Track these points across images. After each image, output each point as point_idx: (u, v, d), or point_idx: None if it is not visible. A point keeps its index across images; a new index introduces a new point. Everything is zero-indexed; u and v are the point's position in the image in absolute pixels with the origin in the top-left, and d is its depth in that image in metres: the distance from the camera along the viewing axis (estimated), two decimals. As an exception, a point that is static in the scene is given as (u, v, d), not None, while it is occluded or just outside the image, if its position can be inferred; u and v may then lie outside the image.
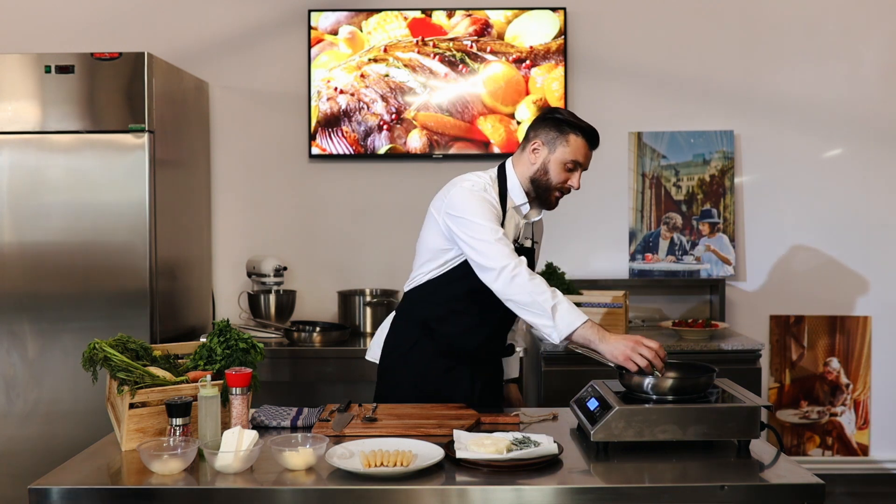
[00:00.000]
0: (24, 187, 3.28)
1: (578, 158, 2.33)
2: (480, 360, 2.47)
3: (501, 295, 2.22)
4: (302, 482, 1.72)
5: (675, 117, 4.00)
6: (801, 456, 4.04)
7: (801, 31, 3.97)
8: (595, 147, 2.37)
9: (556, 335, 2.14)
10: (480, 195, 2.31)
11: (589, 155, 2.36)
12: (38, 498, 1.70)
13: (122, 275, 3.27)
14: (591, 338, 2.11)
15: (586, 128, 2.34)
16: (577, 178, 2.36)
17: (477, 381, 2.44)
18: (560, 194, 2.39)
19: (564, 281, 3.72)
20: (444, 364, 2.41)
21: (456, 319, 2.39)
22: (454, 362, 2.42)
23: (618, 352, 2.06)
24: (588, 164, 2.37)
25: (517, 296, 2.18)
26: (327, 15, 3.94)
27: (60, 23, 3.98)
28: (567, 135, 2.32)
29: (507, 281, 2.18)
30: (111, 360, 1.96)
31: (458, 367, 2.42)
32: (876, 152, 3.99)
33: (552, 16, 3.91)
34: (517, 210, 2.40)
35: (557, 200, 2.40)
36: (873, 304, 4.03)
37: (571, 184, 2.36)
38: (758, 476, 1.78)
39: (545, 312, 2.14)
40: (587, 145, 2.34)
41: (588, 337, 2.11)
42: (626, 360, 2.05)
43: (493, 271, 2.21)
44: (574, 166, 2.34)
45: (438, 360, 2.41)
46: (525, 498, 1.68)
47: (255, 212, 4.05)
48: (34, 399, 3.30)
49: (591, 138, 2.34)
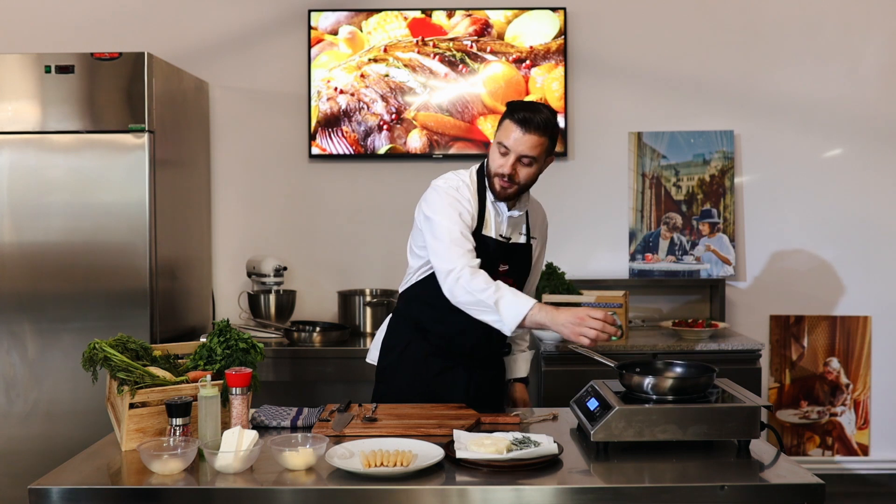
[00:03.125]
0: (25, 187, 3.28)
1: (505, 141, 2.25)
2: (476, 360, 2.46)
3: (450, 299, 2.22)
4: (302, 482, 1.72)
5: (675, 117, 4.00)
6: (801, 456, 4.04)
7: (801, 31, 3.97)
8: (528, 130, 2.23)
9: (507, 327, 2.15)
10: (449, 194, 2.32)
11: (521, 138, 2.23)
12: (38, 498, 1.70)
13: (122, 275, 3.27)
14: (542, 320, 2.11)
15: (519, 113, 2.24)
16: (506, 162, 2.26)
17: (473, 381, 2.43)
18: (501, 182, 2.29)
19: (564, 281, 3.72)
20: (439, 364, 2.41)
21: (448, 319, 2.36)
22: (449, 362, 2.42)
23: (567, 330, 2.07)
24: (521, 149, 2.24)
25: (461, 297, 2.19)
26: (327, 15, 3.94)
27: (60, 23, 3.98)
28: (504, 120, 2.30)
29: (452, 284, 2.20)
30: (111, 360, 1.96)
31: (453, 368, 2.41)
32: (876, 152, 3.99)
33: (552, 16, 3.91)
34: (495, 205, 2.38)
35: (504, 189, 2.30)
36: (873, 304, 4.03)
37: (502, 168, 2.26)
38: (758, 476, 1.78)
39: (490, 308, 2.14)
40: (517, 128, 2.24)
41: (538, 320, 2.11)
42: (577, 336, 2.06)
43: (441, 274, 2.23)
44: (505, 150, 2.27)
45: (433, 361, 2.41)
46: (525, 498, 1.68)
47: (255, 212, 4.05)
48: (34, 399, 3.30)
49: (522, 122, 2.23)
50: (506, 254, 2.39)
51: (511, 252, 2.40)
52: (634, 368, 2.07)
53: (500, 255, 2.37)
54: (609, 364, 2.11)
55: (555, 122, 2.30)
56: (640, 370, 2.06)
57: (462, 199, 2.31)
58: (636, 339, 3.55)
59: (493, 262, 2.35)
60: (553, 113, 2.32)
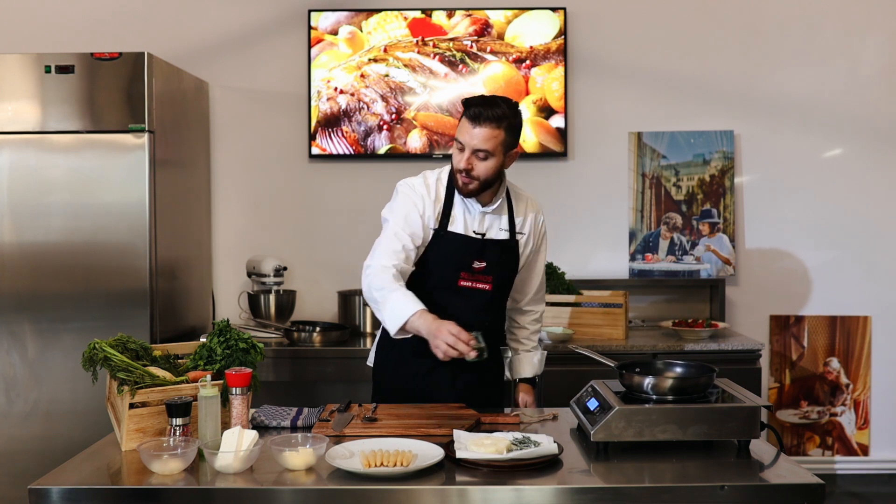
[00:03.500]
0: (24, 187, 3.28)
1: (460, 137, 2.27)
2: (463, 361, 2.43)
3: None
4: (302, 482, 1.72)
5: (675, 117, 4.00)
6: (801, 456, 4.04)
7: (801, 31, 3.97)
8: (479, 124, 2.22)
9: (390, 329, 2.19)
10: (405, 194, 2.36)
11: (472, 132, 2.23)
12: (38, 498, 1.70)
13: (122, 275, 3.27)
14: (419, 328, 2.13)
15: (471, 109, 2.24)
16: (462, 157, 2.26)
17: (458, 381, 2.41)
18: (462, 178, 2.29)
19: (564, 281, 3.72)
20: (425, 365, 2.40)
21: None
22: (435, 363, 2.41)
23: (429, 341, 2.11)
24: (474, 143, 2.23)
25: (365, 293, 2.28)
26: (327, 15, 3.94)
27: (60, 23, 3.98)
28: (461, 118, 2.30)
29: (363, 280, 2.28)
30: (111, 360, 1.96)
31: (438, 368, 2.40)
32: (876, 152, 3.99)
33: (552, 16, 3.91)
34: (467, 202, 2.37)
35: (465, 185, 2.30)
36: (873, 304, 4.03)
37: (458, 164, 2.27)
38: (758, 476, 1.78)
39: (378, 308, 2.21)
40: (469, 123, 2.24)
41: (416, 327, 2.13)
42: (433, 348, 2.10)
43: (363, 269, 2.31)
44: (461, 146, 2.27)
45: (419, 362, 2.41)
46: (525, 498, 1.68)
47: (255, 212, 4.05)
48: (34, 399, 3.30)
49: (473, 117, 2.23)
50: (481, 250, 2.37)
51: (487, 248, 2.38)
52: (634, 368, 2.07)
53: (472, 251, 2.36)
54: (609, 364, 2.11)
55: (512, 116, 2.27)
56: (640, 370, 2.06)
57: (416, 198, 2.33)
58: (636, 339, 3.55)
59: (463, 259, 2.36)
60: (512, 107, 2.29)
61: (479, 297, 2.39)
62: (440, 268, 2.36)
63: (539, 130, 3.93)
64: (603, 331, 3.54)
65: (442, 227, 2.35)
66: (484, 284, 2.38)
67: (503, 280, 2.44)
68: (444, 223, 2.35)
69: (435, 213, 2.35)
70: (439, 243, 2.36)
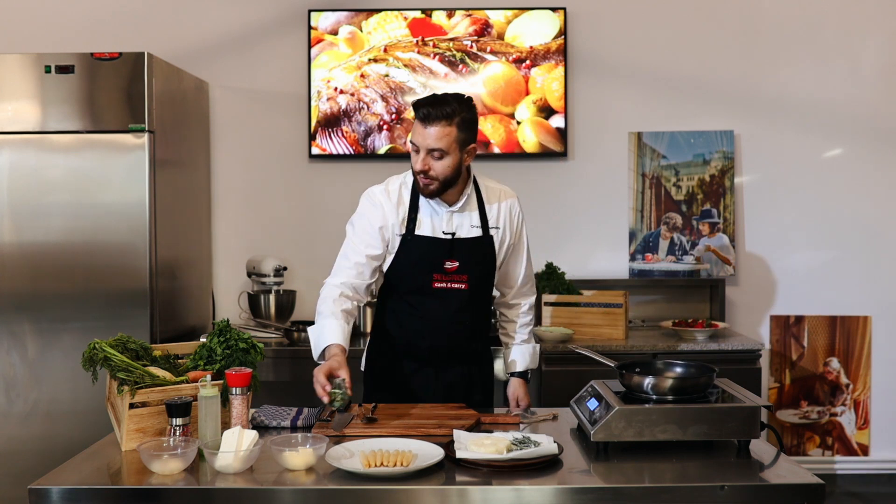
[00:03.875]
0: (24, 187, 3.28)
1: (413, 139, 2.27)
2: (442, 360, 2.43)
3: None
4: (302, 482, 1.72)
5: (675, 117, 4.00)
6: (801, 456, 4.04)
7: (801, 31, 3.97)
8: (429, 124, 2.22)
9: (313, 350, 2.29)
10: (364, 205, 2.42)
11: (424, 132, 2.23)
12: (38, 498, 1.70)
13: (122, 275, 3.26)
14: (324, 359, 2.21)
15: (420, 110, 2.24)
16: (418, 158, 2.26)
17: (441, 380, 2.41)
18: (422, 180, 2.29)
19: (564, 281, 3.72)
20: (408, 366, 2.42)
21: (403, 322, 2.42)
22: (418, 364, 2.42)
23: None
24: (427, 143, 2.23)
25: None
26: (327, 15, 3.94)
27: (60, 23, 3.98)
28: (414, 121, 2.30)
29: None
30: (111, 360, 1.96)
31: (422, 369, 2.41)
32: (876, 152, 3.99)
33: (552, 16, 3.91)
34: (433, 203, 2.37)
35: (426, 186, 2.30)
36: (873, 304, 4.03)
37: (416, 166, 2.28)
38: (758, 476, 1.78)
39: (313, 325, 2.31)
40: (419, 124, 2.24)
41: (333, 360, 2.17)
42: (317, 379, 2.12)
43: None
44: (415, 147, 2.27)
45: (403, 363, 2.42)
46: (525, 498, 1.68)
47: (255, 212, 4.05)
48: (34, 399, 3.30)
49: (423, 118, 2.23)
50: (452, 250, 2.36)
51: (458, 247, 2.37)
52: (634, 368, 2.07)
53: (442, 252, 2.36)
54: (609, 364, 2.11)
55: (463, 111, 2.25)
56: (640, 370, 2.06)
57: (373, 209, 2.37)
58: (636, 339, 3.55)
59: (433, 261, 2.35)
60: (463, 103, 2.27)
61: (455, 297, 2.38)
62: (412, 271, 2.37)
63: (539, 130, 3.92)
64: (603, 331, 3.54)
65: (409, 232, 2.35)
66: (459, 284, 2.37)
67: (480, 278, 2.42)
68: (410, 227, 2.36)
69: (399, 218, 2.36)
70: (408, 248, 2.36)
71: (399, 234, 2.36)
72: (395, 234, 2.36)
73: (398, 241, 2.36)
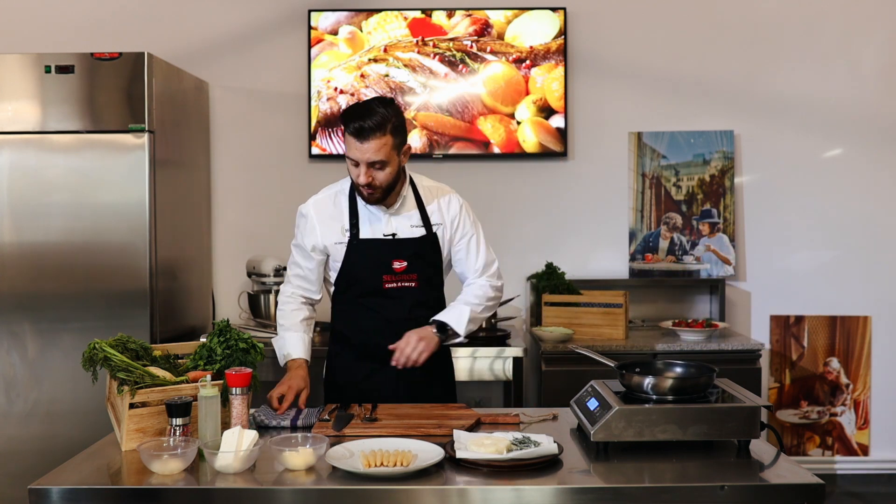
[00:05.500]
0: (24, 187, 3.28)
1: (351, 155, 2.26)
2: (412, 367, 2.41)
3: None
4: (302, 482, 1.72)
5: (675, 117, 4.00)
6: (801, 456, 4.04)
7: (801, 31, 3.97)
8: (363, 139, 2.21)
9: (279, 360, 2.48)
10: (298, 219, 2.48)
11: (362, 147, 2.22)
12: (38, 498, 1.70)
13: (122, 275, 3.27)
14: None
15: (352, 125, 2.23)
16: (360, 172, 2.26)
17: (402, 379, 2.39)
18: (366, 191, 2.30)
19: (564, 281, 3.72)
20: (369, 367, 2.42)
21: (360, 324, 2.44)
22: (378, 364, 2.41)
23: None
24: (367, 158, 2.23)
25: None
26: (327, 15, 3.94)
27: (60, 23, 3.98)
28: (345, 133, 2.28)
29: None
30: (111, 360, 1.96)
31: (382, 368, 2.40)
32: (876, 152, 3.99)
33: (552, 16, 3.91)
34: (370, 207, 2.38)
35: (371, 196, 2.31)
36: (873, 304, 4.03)
37: (358, 180, 2.28)
38: (758, 476, 1.78)
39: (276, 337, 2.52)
40: (354, 140, 2.23)
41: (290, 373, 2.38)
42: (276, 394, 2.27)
43: None
44: (354, 162, 2.27)
45: (363, 364, 2.42)
46: (525, 498, 1.68)
47: (255, 212, 4.05)
48: (34, 399, 3.30)
49: (357, 133, 2.22)
50: (396, 250, 2.38)
51: (402, 247, 2.38)
52: (634, 368, 2.07)
53: (388, 253, 2.38)
54: (609, 364, 2.11)
55: (392, 116, 2.25)
56: (640, 370, 2.06)
57: (304, 222, 2.44)
58: (636, 339, 3.55)
59: (381, 262, 2.38)
60: (389, 106, 2.27)
61: (407, 295, 2.40)
62: (362, 275, 2.40)
63: (539, 130, 3.92)
64: (603, 331, 3.54)
65: (354, 237, 2.38)
66: (409, 283, 2.40)
67: (429, 275, 2.44)
68: (354, 233, 2.38)
69: (339, 226, 2.40)
70: (355, 252, 2.39)
71: (341, 241, 2.39)
72: (334, 242, 2.40)
73: (340, 249, 2.40)
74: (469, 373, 3.39)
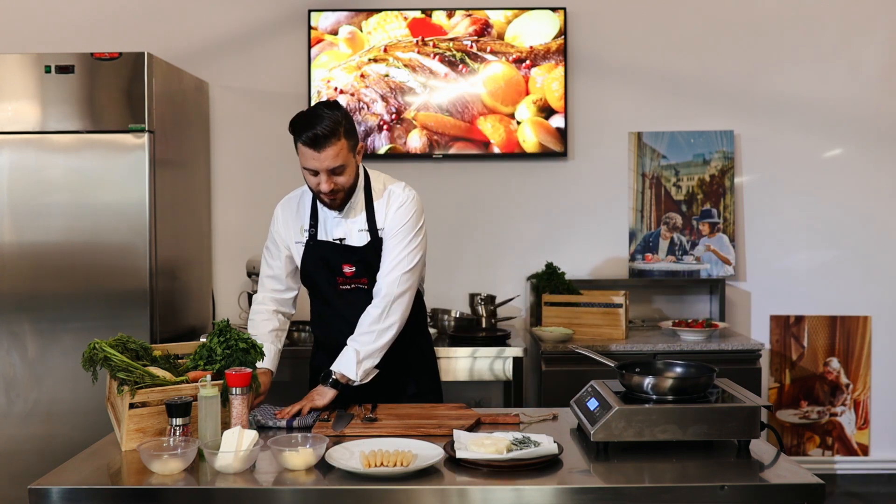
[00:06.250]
0: (24, 187, 3.28)
1: (308, 165, 2.23)
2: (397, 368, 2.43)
3: None
4: (302, 482, 1.72)
5: (675, 117, 4.00)
6: (801, 456, 4.04)
7: (801, 31, 3.97)
8: (319, 148, 2.18)
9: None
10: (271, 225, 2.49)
11: (319, 156, 2.19)
12: (38, 498, 1.70)
13: (122, 275, 3.27)
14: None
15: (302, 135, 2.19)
16: (321, 181, 2.24)
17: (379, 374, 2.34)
18: (329, 198, 2.29)
19: (564, 281, 3.72)
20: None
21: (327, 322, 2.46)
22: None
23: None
24: (325, 166, 2.21)
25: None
26: (327, 15, 3.94)
27: (60, 23, 3.98)
28: (296, 144, 2.24)
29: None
30: (111, 360, 1.96)
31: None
32: (876, 152, 3.99)
33: (552, 16, 3.91)
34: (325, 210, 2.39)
35: (334, 201, 2.30)
36: (873, 304, 4.03)
37: (320, 188, 2.25)
38: (758, 476, 1.78)
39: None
40: (309, 150, 2.20)
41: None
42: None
43: None
44: (313, 172, 2.25)
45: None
46: (525, 498, 1.68)
47: (255, 212, 4.04)
48: (34, 399, 3.30)
49: (311, 142, 2.18)
50: (345, 255, 2.39)
51: (349, 254, 2.38)
52: (634, 368, 2.07)
53: (337, 256, 2.39)
54: (609, 364, 2.11)
55: (342, 118, 2.22)
56: (640, 370, 2.06)
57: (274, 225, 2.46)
58: (636, 339, 3.55)
59: (332, 265, 2.40)
60: (336, 108, 2.24)
61: (362, 295, 2.39)
62: (317, 275, 2.42)
63: (539, 130, 3.93)
64: (603, 331, 3.54)
65: (312, 238, 2.40)
66: (361, 285, 2.40)
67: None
68: (313, 233, 2.41)
69: (299, 226, 2.42)
70: (312, 253, 2.41)
71: (299, 241, 2.41)
72: (294, 241, 2.42)
73: (300, 249, 2.42)
74: (469, 373, 3.39)
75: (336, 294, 2.42)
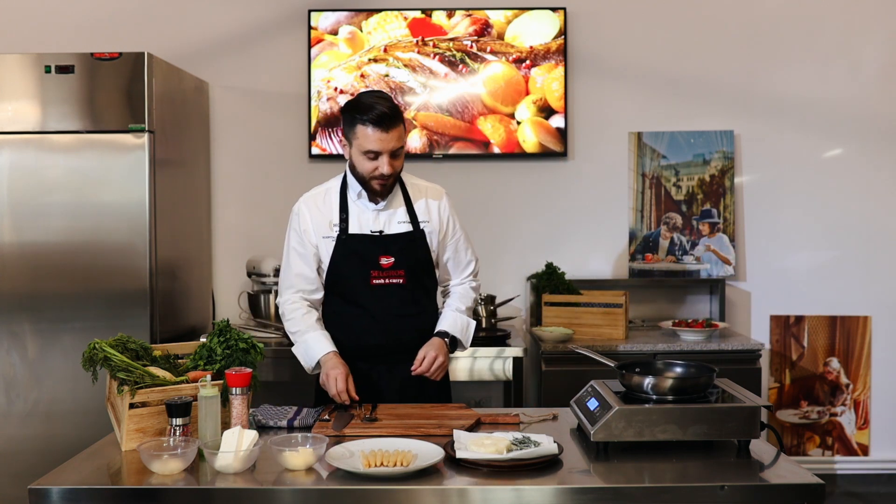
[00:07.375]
0: (24, 187, 3.27)
1: (371, 147, 2.25)
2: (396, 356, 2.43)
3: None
4: (302, 482, 1.72)
5: (675, 117, 4.00)
6: (801, 456, 4.04)
7: (801, 31, 3.97)
8: (387, 128, 2.24)
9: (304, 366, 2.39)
10: (291, 219, 2.47)
11: (385, 138, 2.24)
12: (38, 498, 1.70)
13: (122, 275, 3.26)
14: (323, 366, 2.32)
15: (370, 116, 2.23)
16: (383, 163, 2.27)
17: (395, 377, 2.40)
18: (381, 182, 2.32)
19: (564, 281, 3.72)
20: (361, 367, 2.41)
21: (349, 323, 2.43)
22: (369, 363, 2.42)
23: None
24: (391, 147, 2.26)
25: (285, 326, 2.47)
26: (327, 15, 3.94)
27: (60, 23, 3.98)
28: (355, 127, 2.27)
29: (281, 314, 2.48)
30: (111, 360, 1.96)
31: (374, 367, 2.42)
32: (876, 152, 3.99)
33: (552, 16, 3.91)
34: (359, 203, 2.40)
35: (382, 187, 2.33)
36: (873, 304, 4.03)
37: (381, 171, 2.28)
38: (758, 476, 1.78)
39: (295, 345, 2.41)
40: (377, 131, 2.23)
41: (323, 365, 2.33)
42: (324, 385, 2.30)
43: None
44: (373, 155, 2.27)
45: (355, 364, 2.39)
46: (525, 498, 1.68)
47: (255, 212, 4.05)
48: (34, 399, 3.30)
49: (378, 122, 2.23)
50: (384, 246, 2.38)
51: (390, 243, 2.39)
52: (634, 368, 2.07)
53: (376, 248, 2.38)
54: (609, 364, 2.11)
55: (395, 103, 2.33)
56: (640, 370, 2.06)
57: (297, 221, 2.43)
58: (636, 339, 3.55)
59: (368, 257, 2.38)
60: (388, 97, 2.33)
61: (395, 292, 2.39)
62: (349, 270, 2.40)
63: (539, 130, 3.93)
64: (603, 331, 3.54)
65: (343, 232, 2.38)
66: (397, 279, 2.39)
67: (417, 271, 2.43)
68: (344, 227, 2.38)
69: (327, 221, 2.40)
70: (343, 247, 2.38)
71: (329, 236, 2.39)
72: (322, 237, 2.40)
73: (328, 244, 2.40)
74: (469, 373, 3.39)
75: (367, 289, 2.39)
